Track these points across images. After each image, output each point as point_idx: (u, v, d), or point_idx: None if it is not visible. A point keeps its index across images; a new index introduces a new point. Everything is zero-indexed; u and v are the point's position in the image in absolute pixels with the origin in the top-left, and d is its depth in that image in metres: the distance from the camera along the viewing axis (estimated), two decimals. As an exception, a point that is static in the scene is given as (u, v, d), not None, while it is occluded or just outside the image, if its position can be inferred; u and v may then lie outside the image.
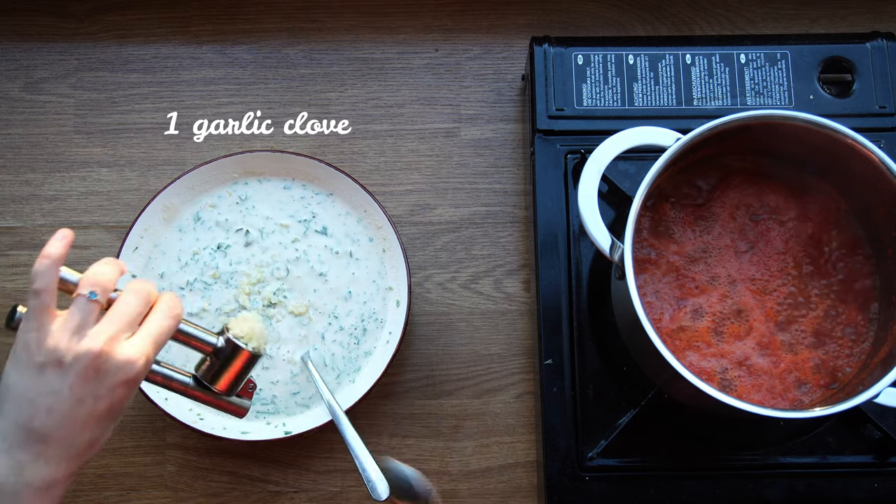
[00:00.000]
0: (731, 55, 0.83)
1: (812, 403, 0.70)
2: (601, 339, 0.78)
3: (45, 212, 0.87)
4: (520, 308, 0.85)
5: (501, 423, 0.83)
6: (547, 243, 0.80)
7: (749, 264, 0.73)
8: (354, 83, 0.90)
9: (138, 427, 0.83)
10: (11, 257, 0.86)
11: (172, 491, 0.82)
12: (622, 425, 0.76)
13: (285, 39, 0.91)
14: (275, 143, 0.89)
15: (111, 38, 0.91)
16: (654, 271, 0.73)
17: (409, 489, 0.75)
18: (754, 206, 0.74)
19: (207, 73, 0.90)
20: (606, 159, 0.68)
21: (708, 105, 0.82)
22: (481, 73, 0.90)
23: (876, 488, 0.76)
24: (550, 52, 0.83)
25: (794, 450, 0.76)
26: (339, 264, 0.82)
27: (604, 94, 0.82)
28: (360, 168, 0.88)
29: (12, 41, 0.90)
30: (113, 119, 0.89)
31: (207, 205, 0.83)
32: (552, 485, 0.76)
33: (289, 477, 0.82)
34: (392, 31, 0.91)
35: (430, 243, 0.86)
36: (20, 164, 0.88)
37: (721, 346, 0.72)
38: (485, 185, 0.88)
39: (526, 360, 0.84)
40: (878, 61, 0.82)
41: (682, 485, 0.76)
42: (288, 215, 0.83)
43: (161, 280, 0.82)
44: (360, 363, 0.81)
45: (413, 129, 0.89)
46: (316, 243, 0.83)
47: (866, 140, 0.67)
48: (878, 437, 0.76)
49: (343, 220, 0.83)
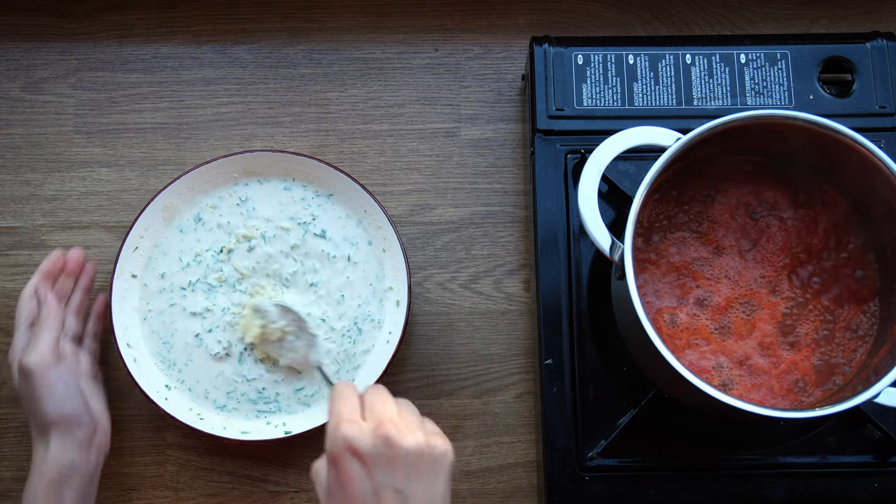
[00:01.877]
0: (731, 55, 0.83)
1: (812, 403, 0.70)
2: (601, 339, 0.78)
3: (45, 212, 0.87)
4: (520, 308, 0.85)
5: (501, 423, 0.83)
6: (547, 243, 0.80)
7: (753, 262, 0.73)
8: (354, 83, 0.90)
9: (138, 427, 0.83)
10: (11, 257, 0.86)
11: (172, 491, 0.82)
12: (622, 425, 0.76)
13: (285, 39, 0.91)
14: (275, 143, 0.89)
15: (111, 38, 0.91)
16: (654, 271, 0.73)
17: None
18: (753, 203, 0.74)
19: (207, 73, 0.90)
20: (606, 159, 0.68)
21: (708, 105, 0.82)
22: (481, 73, 0.90)
23: (876, 488, 0.76)
24: (550, 52, 0.83)
25: (794, 450, 0.76)
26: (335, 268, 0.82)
27: (604, 94, 0.82)
28: (360, 168, 0.88)
29: (12, 41, 0.90)
30: (113, 119, 0.89)
31: (208, 206, 0.83)
32: (552, 485, 0.76)
33: (289, 477, 0.82)
34: (392, 31, 0.91)
35: (430, 243, 0.86)
36: (20, 164, 0.88)
37: (721, 346, 0.72)
38: (485, 185, 0.88)
39: (526, 360, 0.84)
40: (878, 61, 0.82)
41: (682, 485, 0.76)
42: (288, 217, 0.83)
43: (162, 280, 0.82)
44: (359, 363, 0.81)
45: (413, 129, 0.89)
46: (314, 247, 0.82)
47: (866, 140, 0.67)
48: (878, 437, 0.76)
49: (343, 222, 0.83)
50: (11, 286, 0.86)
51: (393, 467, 0.56)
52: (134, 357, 0.80)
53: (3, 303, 0.85)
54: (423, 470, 0.57)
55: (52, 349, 0.74)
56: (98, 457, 0.75)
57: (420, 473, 0.57)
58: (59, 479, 0.72)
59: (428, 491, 0.57)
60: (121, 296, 0.80)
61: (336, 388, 0.61)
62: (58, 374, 0.73)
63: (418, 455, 0.57)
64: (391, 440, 0.56)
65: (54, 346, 0.75)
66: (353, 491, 0.56)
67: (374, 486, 0.56)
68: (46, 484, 0.71)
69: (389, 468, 0.56)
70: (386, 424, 0.57)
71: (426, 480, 0.57)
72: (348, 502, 0.56)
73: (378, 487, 0.56)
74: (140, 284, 0.82)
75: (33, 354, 0.73)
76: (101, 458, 0.76)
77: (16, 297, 0.85)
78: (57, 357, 0.74)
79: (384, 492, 0.56)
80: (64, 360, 0.75)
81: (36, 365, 0.73)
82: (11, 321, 0.84)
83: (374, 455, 0.56)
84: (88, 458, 0.74)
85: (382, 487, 0.56)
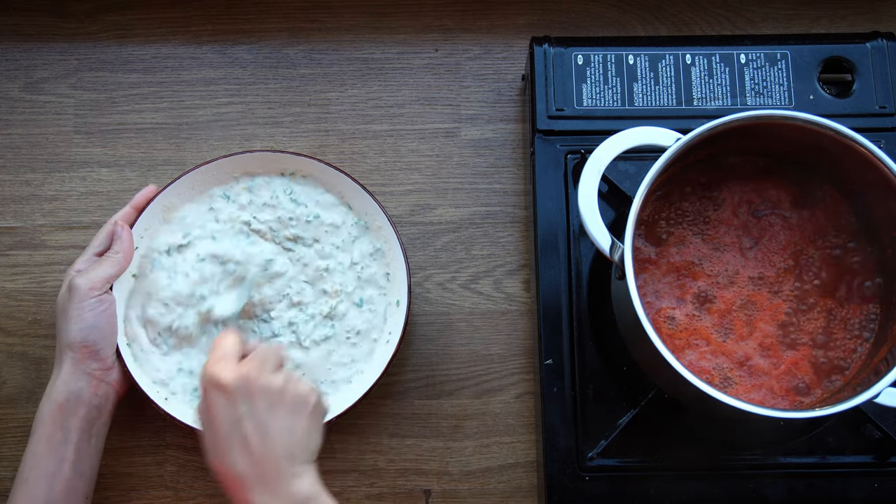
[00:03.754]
0: (731, 55, 0.83)
1: (812, 403, 0.70)
2: (601, 339, 0.78)
3: (45, 212, 0.87)
4: (520, 308, 0.85)
5: (501, 423, 0.83)
6: (547, 243, 0.80)
7: (754, 261, 0.74)
8: (354, 83, 0.90)
9: (138, 427, 0.83)
10: (11, 257, 0.86)
11: (172, 491, 0.82)
12: (622, 425, 0.76)
13: (285, 39, 0.91)
14: (275, 143, 0.89)
15: (111, 38, 0.91)
16: (654, 271, 0.73)
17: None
18: (755, 201, 0.74)
19: (207, 73, 0.90)
20: (606, 159, 0.68)
21: (708, 105, 0.82)
22: (481, 73, 0.90)
23: (876, 488, 0.76)
24: (550, 52, 0.83)
25: (794, 450, 0.76)
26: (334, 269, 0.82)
27: (604, 94, 0.82)
28: (360, 168, 0.88)
29: (12, 41, 0.90)
30: (113, 119, 0.89)
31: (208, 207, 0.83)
32: (552, 485, 0.76)
33: (289, 477, 0.82)
34: (392, 31, 0.91)
35: (430, 243, 0.86)
36: (20, 164, 0.88)
37: (721, 347, 0.72)
38: (485, 185, 0.88)
39: (526, 360, 0.84)
40: (878, 61, 0.82)
41: (682, 485, 0.76)
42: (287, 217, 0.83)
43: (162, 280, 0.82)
44: (359, 363, 0.81)
45: (413, 129, 0.89)
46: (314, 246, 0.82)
47: (866, 140, 0.67)
48: (878, 437, 0.76)
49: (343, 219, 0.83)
50: (11, 286, 0.86)
51: (252, 400, 0.66)
52: (134, 356, 0.80)
53: (3, 303, 0.85)
54: (282, 407, 0.66)
55: (105, 281, 0.76)
56: (108, 393, 0.76)
57: (279, 409, 0.66)
58: (65, 404, 0.73)
59: (288, 425, 0.66)
60: (121, 296, 0.80)
61: (217, 337, 0.72)
62: (96, 304, 0.75)
63: (277, 392, 0.66)
64: (250, 377, 0.66)
65: (108, 280, 0.77)
66: (218, 418, 0.66)
67: (237, 416, 0.65)
68: (54, 408, 0.73)
69: (249, 401, 0.65)
70: (248, 366, 0.67)
71: (286, 416, 0.66)
72: (215, 429, 0.66)
73: (240, 417, 0.65)
74: (140, 284, 0.82)
75: (87, 276, 0.75)
76: (111, 396, 0.76)
77: (16, 297, 0.85)
78: (104, 290, 0.76)
79: (245, 420, 0.65)
80: (110, 296, 0.77)
81: (83, 286, 0.75)
82: (12, 321, 0.85)
83: (235, 388, 0.66)
84: (97, 391, 0.75)
85: (244, 416, 0.65)
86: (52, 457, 0.73)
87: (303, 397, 0.68)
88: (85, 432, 0.74)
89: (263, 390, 0.66)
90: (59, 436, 0.73)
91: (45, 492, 0.72)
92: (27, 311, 0.85)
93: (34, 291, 0.85)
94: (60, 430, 0.73)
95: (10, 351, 0.84)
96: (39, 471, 0.72)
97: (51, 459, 0.72)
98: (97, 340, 0.75)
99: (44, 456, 0.72)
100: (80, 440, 0.74)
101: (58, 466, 0.72)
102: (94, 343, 0.75)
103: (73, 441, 0.73)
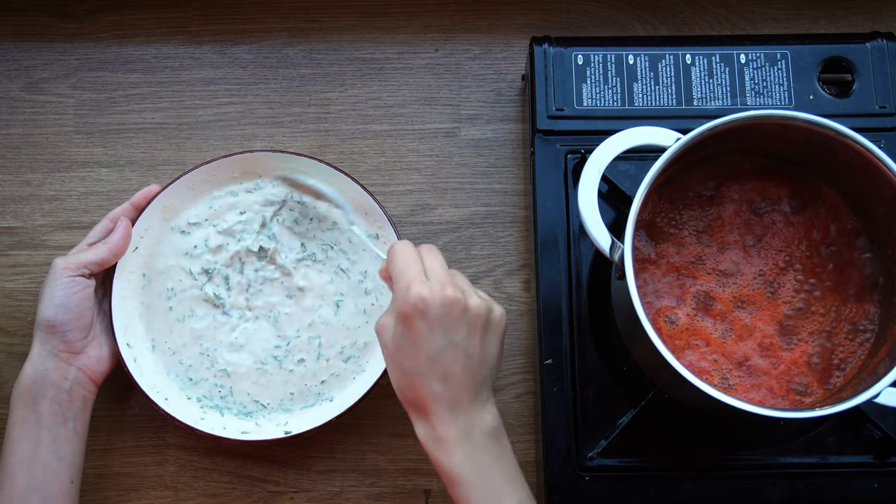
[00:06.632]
0: (731, 55, 0.83)
1: (812, 403, 0.70)
2: (601, 339, 0.78)
3: (45, 212, 0.87)
4: (520, 308, 0.85)
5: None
6: (547, 243, 0.80)
7: (755, 259, 0.73)
8: (354, 83, 0.90)
9: (138, 427, 0.83)
10: (11, 257, 0.86)
11: (172, 491, 0.82)
12: (622, 425, 0.76)
13: (285, 39, 0.91)
14: (275, 143, 0.89)
15: (111, 38, 0.91)
16: (654, 271, 0.73)
17: None
18: (756, 200, 0.74)
19: (207, 73, 0.90)
20: (606, 159, 0.68)
21: (708, 105, 0.82)
22: (481, 73, 0.90)
23: (876, 488, 0.76)
24: (550, 52, 0.83)
25: (794, 450, 0.76)
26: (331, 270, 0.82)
27: (604, 94, 0.82)
28: (360, 168, 0.88)
29: (12, 41, 0.90)
30: (113, 119, 0.89)
31: (208, 207, 0.83)
32: (552, 485, 0.76)
33: (289, 477, 0.82)
34: (392, 31, 0.91)
35: (430, 243, 0.86)
36: (20, 164, 0.88)
37: (721, 347, 0.72)
38: (485, 185, 0.88)
39: (526, 360, 0.84)
40: (878, 61, 0.82)
41: (682, 485, 0.76)
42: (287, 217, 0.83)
43: (162, 280, 0.82)
44: (360, 363, 0.81)
45: (413, 129, 0.89)
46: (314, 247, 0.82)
47: (866, 140, 0.67)
48: (878, 437, 0.76)
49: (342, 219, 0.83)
50: (11, 286, 0.86)
51: (455, 328, 0.63)
52: (134, 357, 0.80)
53: (4, 303, 0.85)
54: (480, 330, 0.65)
55: (82, 264, 0.75)
56: (79, 378, 0.75)
57: (477, 333, 0.64)
58: (33, 386, 0.73)
59: (486, 349, 0.65)
60: (121, 296, 0.80)
61: (396, 247, 0.68)
62: (69, 283, 0.74)
63: (477, 316, 0.64)
64: (458, 303, 0.63)
65: (87, 265, 0.76)
66: (423, 345, 0.63)
67: (441, 344, 0.63)
68: (24, 389, 0.73)
69: (452, 328, 0.63)
70: (449, 288, 0.64)
71: (483, 339, 0.65)
72: (417, 356, 0.63)
73: (445, 345, 0.63)
74: (140, 284, 0.82)
75: (66, 258, 0.75)
76: (83, 381, 0.75)
77: (16, 297, 0.85)
78: (85, 272, 0.75)
79: (450, 347, 0.63)
80: (87, 280, 0.76)
81: (58, 265, 0.74)
82: (12, 321, 0.85)
83: (441, 316, 0.63)
84: (66, 375, 0.74)
85: (449, 344, 0.63)
86: (27, 441, 0.72)
87: (498, 321, 0.67)
88: (58, 416, 0.73)
89: (467, 317, 0.64)
90: (32, 419, 0.73)
91: (26, 478, 0.71)
92: (27, 311, 0.85)
93: (34, 291, 0.85)
94: (32, 413, 0.73)
95: (10, 351, 0.84)
96: (16, 456, 0.72)
97: (26, 444, 0.72)
98: (64, 321, 0.74)
99: (19, 440, 0.72)
100: (53, 424, 0.73)
101: (33, 450, 0.72)
102: (62, 324, 0.74)
103: (45, 425, 0.73)
